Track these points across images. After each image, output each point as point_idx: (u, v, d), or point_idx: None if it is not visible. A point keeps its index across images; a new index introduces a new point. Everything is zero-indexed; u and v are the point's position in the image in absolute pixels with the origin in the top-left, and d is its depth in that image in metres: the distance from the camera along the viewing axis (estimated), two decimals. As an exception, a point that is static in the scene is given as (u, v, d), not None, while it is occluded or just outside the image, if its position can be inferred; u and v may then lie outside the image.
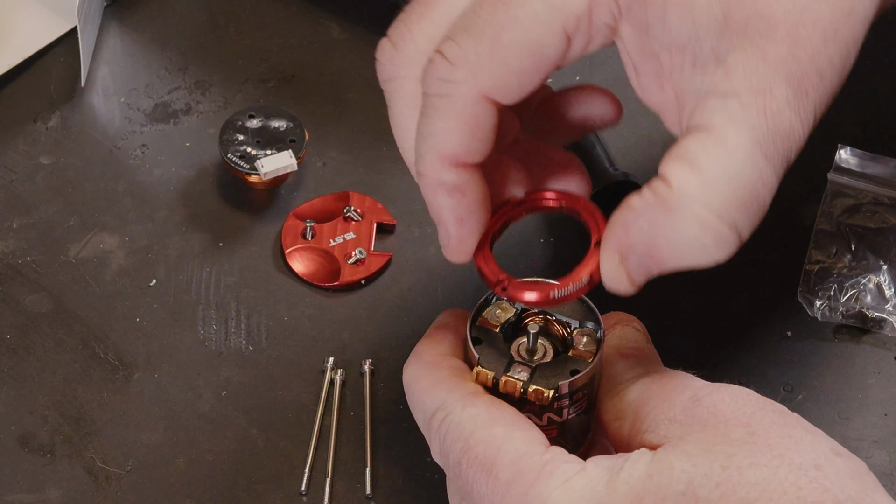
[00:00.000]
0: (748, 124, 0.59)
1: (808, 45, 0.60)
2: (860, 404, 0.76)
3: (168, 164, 0.84)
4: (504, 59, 0.60)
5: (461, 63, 0.60)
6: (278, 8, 0.91)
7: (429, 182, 0.61)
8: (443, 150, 0.61)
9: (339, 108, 0.87)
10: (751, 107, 0.59)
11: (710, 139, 0.59)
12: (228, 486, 0.73)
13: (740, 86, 0.59)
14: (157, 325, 0.78)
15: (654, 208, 0.59)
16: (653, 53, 0.61)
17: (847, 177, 0.82)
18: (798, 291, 0.79)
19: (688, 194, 0.59)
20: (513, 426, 0.60)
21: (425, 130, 0.61)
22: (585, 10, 0.60)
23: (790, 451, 0.57)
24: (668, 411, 0.60)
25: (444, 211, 0.62)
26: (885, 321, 0.78)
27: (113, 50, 0.88)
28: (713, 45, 0.59)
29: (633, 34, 0.60)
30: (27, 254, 0.81)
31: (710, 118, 0.59)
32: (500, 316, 0.64)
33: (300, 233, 0.81)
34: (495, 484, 0.59)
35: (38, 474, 0.73)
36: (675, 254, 0.60)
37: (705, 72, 0.60)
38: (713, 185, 0.59)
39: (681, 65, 0.60)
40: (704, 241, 0.59)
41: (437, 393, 0.62)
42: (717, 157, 0.59)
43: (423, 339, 0.65)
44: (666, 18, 0.60)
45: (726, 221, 0.59)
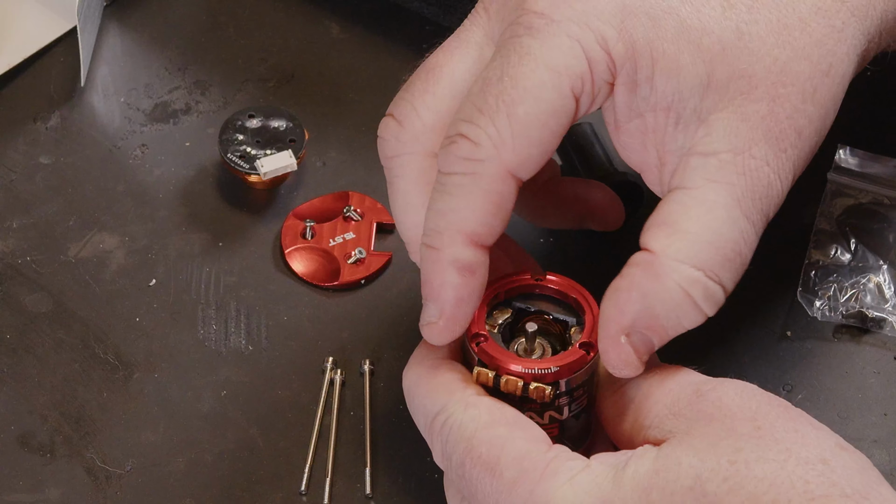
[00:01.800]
0: (727, 182, 0.60)
1: (786, 103, 0.61)
2: (860, 404, 0.76)
3: (168, 164, 0.84)
4: (523, 132, 0.60)
5: (484, 141, 0.60)
6: (278, 8, 0.91)
7: (441, 258, 0.61)
8: (465, 228, 0.61)
9: (339, 108, 0.87)
10: (730, 165, 0.60)
11: (689, 199, 0.60)
12: (228, 486, 0.73)
13: (720, 145, 0.60)
14: (156, 325, 0.78)
15: (643, 280, 0.60)
16: (638, 113, 0.62)
17: (847, 177, 0.82)
18: (798, 291, 0.79)
19: (671, 256, 0.60)
20: (515, 426, 0.60)
21: (445, 207, 0.61)
22: (587, 70, 0.60)
23: (797, 445, 0.57)
24: (671, 406, 0.60)
25: (447, 289, 0.61)
26: (885, 321, 0.78)
27: (113, 50, 0.89)
28: (696, 105, 0.60)
29: (623, 93, 0.61)
30: (27, 254, 0.81)
31: (690, 178, 0.60)
32: (497, 317, 0.64)
33: (300, 233, 0.81)
34: (500, 483, 0.59)
35: (38, 474, 0.73)
36: (671, 319, 0.61)
37: (687, 131, 0.61)
38: (696, 244, 0.60)
39: (664, 124, 0.61)
40: (696, 298, 0.60)
41: (437, 396, 0.62)
42: (698, 216, 0.60)
43: (421, 345, 0.65)
44: (653, 78, 0.60)
45: (712, 277, 0.60)
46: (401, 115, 0.65)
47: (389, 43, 0.89)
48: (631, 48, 0.60)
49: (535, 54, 0.60)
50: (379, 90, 0.87)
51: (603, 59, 0.60)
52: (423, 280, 0.62)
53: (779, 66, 0.61)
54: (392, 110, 0.65)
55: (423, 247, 0.62)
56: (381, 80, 0.87)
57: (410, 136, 0.64)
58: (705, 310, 0.61)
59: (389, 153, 0.65)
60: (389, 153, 0.65)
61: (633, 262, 0.61)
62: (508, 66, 0.61)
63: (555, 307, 0.64)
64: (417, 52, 0.89)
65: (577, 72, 0.60)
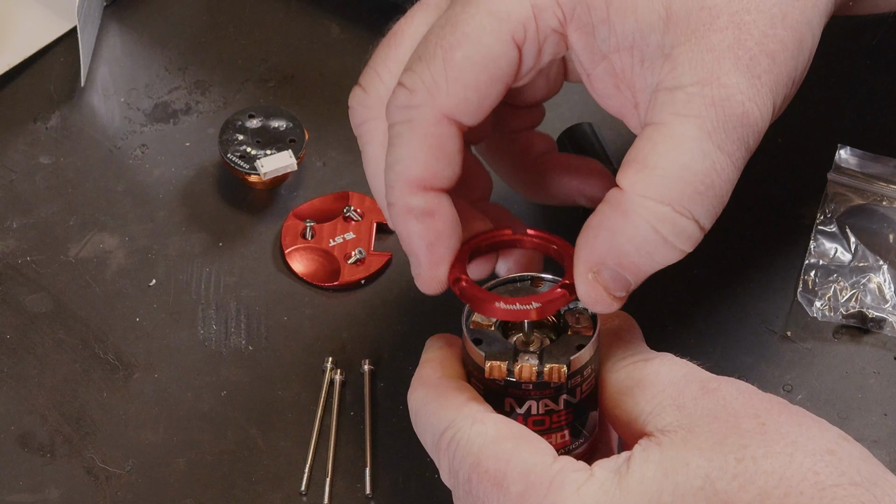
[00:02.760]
0: (695, 115, 0.59)
1: (754, 30, 0.60)
2: (860, 404, 0.76)
3: (168, 164, 0.84)
4: (458, 76, 0.60)
5: (418, 87, 0.61)
6: (278, 8, 0.91)
7: (398, 210, 0.62)
8: (409, 176, 0.61)
9: (339, 108, 0.86)
10: (697, 97, 0.59)
11: (657, 135, 0.60)
12: (228, 486, 0.73)
13: (686, 78, 0.59)
14: (156, 325, 0.78)
15: (612, 217, 0.60)
16: (602, 56, 0.61)
17: (847, 177, 0.82)
18: (798, 291, 0.79)
19: (639, 193, 0.59)
20: (521, 440, 0.60)
21: (391, 159, 0.62)
22: (530, 16, 0.60)
23: (803, 437, 0.57)
24: (676, 397, 0.60)
25: (414, 238, 0.62)
26: (885, 321, 0.78)
27: (113, 50, 0.88)
28: (658, 41, 0.60)
29: (581, 39, 0.61)
30: (27, 254, 0.81)
31: (658, 113, 0.60)
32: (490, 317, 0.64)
33: (300, 233, 0.81)
34: (507, 497, 0.59)
35: (38, 474, 0.73)
36: (643, 256, 0.60)
37: (654, 68, 0.60)
38: (663, 179, 0.59)
39: (630, 64, 0.61)
40: (665, 234, 0.59)
41: (445, 413, 0.62)
42: (665, 151, 0.59)
43: (422, 365, 0.65)
44: (609, 19, 0.60)
45: (682, 212, 0.59)
46: (365, 83, 0.65)
47: (389, 43, 0.89)
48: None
49: (479, 1, 0.60)
50: (379, 90, 0.87)
51: (549, 5, 0.60)
52: (398, 234, 0.63)
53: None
54: (360, 79, 0.66)
55: (387, 203, 0.63)
56: (381, 80, 0.87)
57: (375, 100, 0.65)
58: (678, 245, 0.60)
59: (357, 120, 0.66)
60: (357, 120, 0.66)
61: (606, 199, 0.61)
62: (453, 14, 0.61)
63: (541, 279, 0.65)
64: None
65: (520, 17, 0.60)
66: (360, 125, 0.66)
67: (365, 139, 0.66)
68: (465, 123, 0.61)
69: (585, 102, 0.86)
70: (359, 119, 0.66)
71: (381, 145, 0.64)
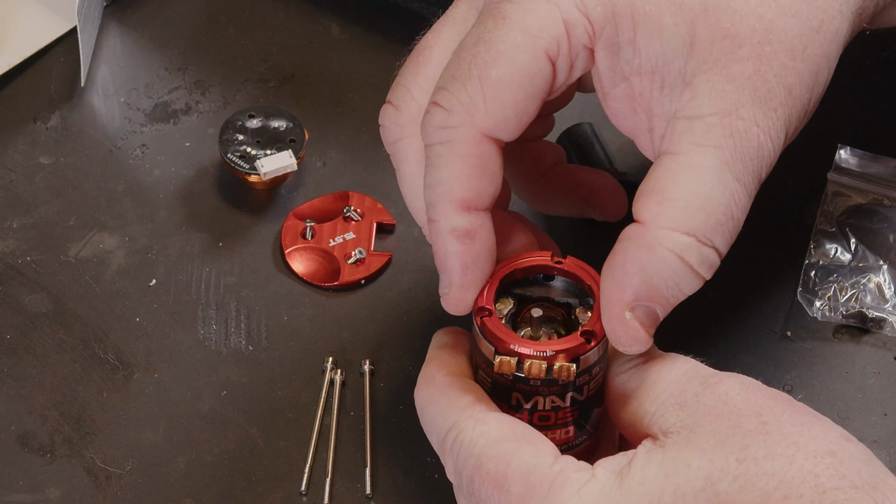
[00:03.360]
0: (715, 146, 0.60)
1: (773, 61, 0.60)
2: (860, 404, 0.76)
3: (168, 164, 0.84)
4: (495, 95, 0.60)
5: (456, 107, 0.60)
6: (278, 8, 0.91)
7: (439, 228, 0.62)
8: (452, 196, 0.61)
9: (339, 108, 0.87)
10: (717, 128, 0.60)
11: (676, 165, 0.60)
12: (228, 486, 0.73)
13: (705, 108, 0.60)
14: (157, 325, 0.78)
15: (636, 253, 0.60)
16: (623, 77, 0.61)
17: (847, 177, 0.82)
18: (798, 291, 0.79)
19: (662, 225, 0.60)
20: (523, 440, 0.60)
21: (432, 179, 0.62)
22: (563, 32, 0.60)
23: (804, 438, 0.57)
24: (678, 395, 0.60)
25: (451, 258, 0.62)
26: (885, 321, 0.78)
27: (113, 50, 0.89)
28: (680, 68, 0.60)
29: (605, 58, 0.61)
30: (27, 254, 0.81)
31: (677, 143, 0.60)
32: (502, 309, 0.64)
33: (300, 233, 0.81)
34: (508, 498, 0.59)
35: (38, 474, 0.73)
36: (671, 287, 0.61)
37: (673, 94, 0.60)
38: (686, 210, 0.60)
39: (650, 88, 0.61)
40: (692, 264, 0.60)
41: (449, 413, 0.62)
42: (685, 182, 0.60)
43: (428, 362, 0.65)
44: (635, 41, 0.60)
45: (705, 242, 0.60)
46: (397, 100, 0.65)
47: (389, 43, 0.89)
48: (611, 10, 0.60)
49: (511, 18, 0.60)
50: (379, 90, 0.87)
51: (581, 21, 0.60)
52: (434, 253, 0.63)
53: (764, 24, 0.60)
54: (389, 97, 0.66)
55: (428, 221, 0.62)
56: (381, 80, 0.87)
57: (407, 119, 0.65)
58: (702, 274, 0.60)
59: (391, 139, 0.66)
60: (391, 139, 0.66)
61: (624, 235, 0.61)
62: (485, 31, 0.61)
63: (558, 292, 0.64)
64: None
65: (553, 34, 0.60)
66: (393, 143, 0.66)
67: (399, 157, 0.66)
68: (503, 140, 0.61)
69: (585, 102, 0.86)
70: (392, 138, 0.66)
71: (417, 163, 0.64)
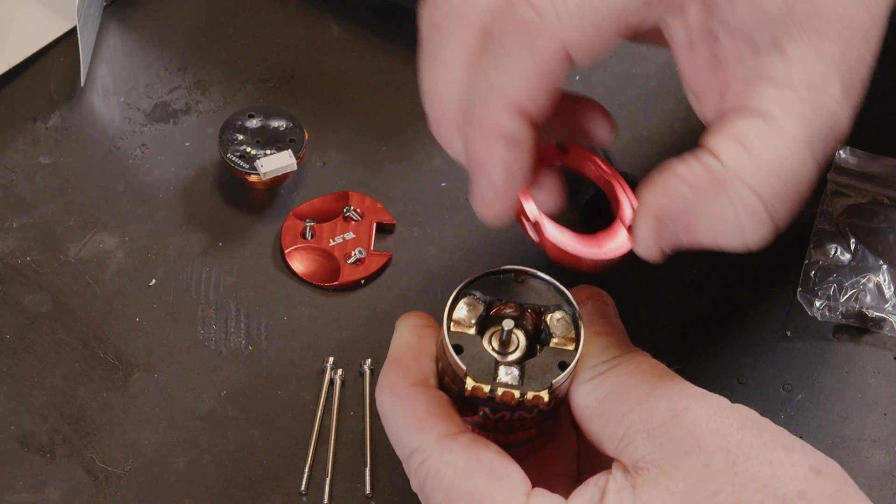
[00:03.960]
0: (803, 117, 0.58)
1: (853, 49, 0.60)
2: (860, 404, 0.76)
3: (168, 164, 0.84)
4: (590, 10, 0.57)
5: (547, 10, 0.57)
6: (278, 8, 0.91)
7: (487, 127, 0.58)
8: (513, 97, 0.57)
9: (339, 108, 0.87)
10: (806, 101, 0.58)
11: (765, 125, 0.58)
12: (228, 486, 0.73)
13: (798, 77, 0.58)
14: (156, 325, 0.78)
15: (703, 183, 0.58)
16: (713, 35, 0.60)
17: (847, 177, 0.82)
18: (798, 291, 0.79)
19: (739, 174, 0.58)
20: (492, 476, 0.59)
21: (493, 73, 0.58)
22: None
23: (773, 479, 0.57)
24: (647, 420, 0.59)
25: (497, 161, 0.58)
26: (885, 321, 0.78)
27: (113, 50, 0.89)
28: (774, 35, 0.59)
29: (700, 12, 0.59)
30: (27, 254, 0.81)
31: (765, 103, 0.58)
32: (472, 314, 0.62)
33: (300, 233, 0.81)
34: None
35: (38, 474, 0.73)
36: (710, 230, 0.59)
37: (763, 58, 0.59)
38: (764, 170, 0.58)
39: (738, 48, 0.59)
40: (744, 224, 0.58)
41: (413, 433, 0.61)
42: (771, 143, 0.58)
43: (390, 364, 0.63)
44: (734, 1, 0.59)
45: (769, 209, 0.58)
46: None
47: (389, 43, 0.89)
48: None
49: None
50: (379, 90, 0.87)
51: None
52: (470, 151, 0.59)
53: (848, 11, 0.59)
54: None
55: (469, 116, 0.59)
56: (381, 80, 0.87)
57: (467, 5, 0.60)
58: (748, 241, 0.59)
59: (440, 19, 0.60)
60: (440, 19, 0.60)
61: (699, 158, 0.58)
62: None
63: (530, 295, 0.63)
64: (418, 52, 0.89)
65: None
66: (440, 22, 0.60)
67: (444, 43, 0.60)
68: (576, 63, 0.58)
69: (585, 102, 0.86)
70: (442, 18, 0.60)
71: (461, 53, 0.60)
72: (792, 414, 0.76)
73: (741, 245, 0.59)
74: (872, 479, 0.74)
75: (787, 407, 0.76)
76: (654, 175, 0.59)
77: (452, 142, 0.61)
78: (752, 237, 0.59)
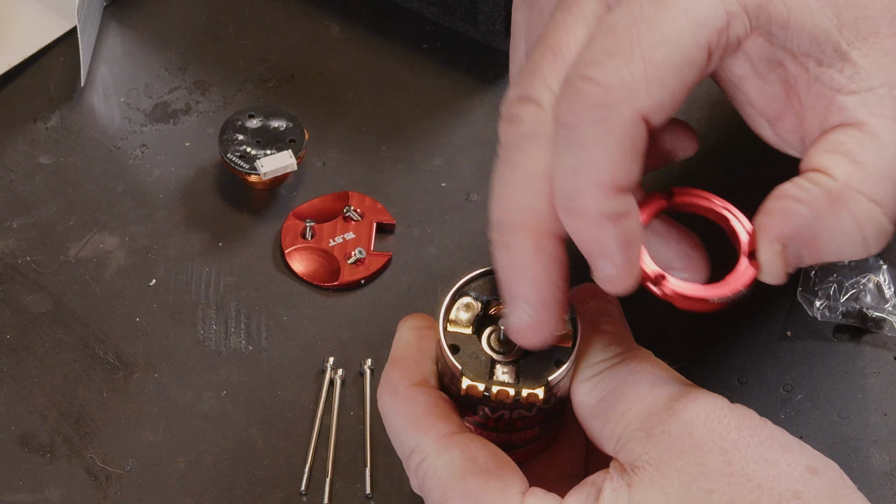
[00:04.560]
0: (891, 117, 0.59)
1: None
2: (860, 404, 0.76)
3: (168, 164, 0.84)
4: (659, 76, 0.57)
5: (615, 84, 0.57)
6: (278, 8, 0.91)
7: (591, 216, 0.58)
8: (604, 179, 0.57)
9: (339, 108, 0.87)
10: (888, 99, 0.59)
11: (861, 133, 0.59)
12: (228, 485, 0.73)
13: (872, 79, 0.59)
14: (156, 325, 0.78)
15: (819, 201, 0.58)
16: (777, 62, 0.60)
17: (847, 177, 0.82)
18: (798, 291, 0.79)
19: (853, 186, 0.58)
20: (488, 475, 0.59)
21: (578, 163, 0.58)
22: (725, 24, 0.58)
23: (769, 479, 0.57)
24: (644, 419, 0.59)
25: (610, 242, 0.58)
26: (885, 321, 0.78)
27: (113, 50, 0.89)
28: (835, 45, 0.59)
29: (760, 46, 0.59)
30: (27, 254, 0.81)
31: (854, 113, 0.59)
32: (469, 314, 0.62)
33: (300, 233, 0.81)
34: None
35: (38, 474, 0.73)
36: (833, 245, 0.59)
37: (833, 71, 0.59)
38: (876, 177, 0.58)
39: (805, 69, 0.60)
40: (867, 232, 0.59)
41: (413, 433, 0.61)
42: (874, 150, 0.58)
43: (392, 365, 0.63)
44: (789, 24, 0.59)
45: (888, 213, 0.58)
46: (538, 96, 0.60)
47: (389, 43, 0.89)
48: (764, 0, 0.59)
49: (674, 4, 0.58)
50: (379, 90, 0.87)
51: (740, 13, 0.58)
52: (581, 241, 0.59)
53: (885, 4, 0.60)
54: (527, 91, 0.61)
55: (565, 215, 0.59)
56: (381, 80, 0.87)
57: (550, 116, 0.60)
58: (872, 248, 0.59)
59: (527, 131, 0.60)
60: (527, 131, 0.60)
61: (811, 178, 0.59)
62: (642, 13, 0.58)
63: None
64: (417, 52, 0.89)
65: (716, 25, 0.58)
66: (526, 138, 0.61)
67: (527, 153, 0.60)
68: (654, 124, 0.59)
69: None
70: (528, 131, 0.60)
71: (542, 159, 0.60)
72: (792, 414, 0.76)
73: (865, 254, 0.59)
74: (872, 479, 0.74)
75: (787, 407, 0.76)
76: (767, 201, 0.59)
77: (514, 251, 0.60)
78: (876, 243, 0.59)
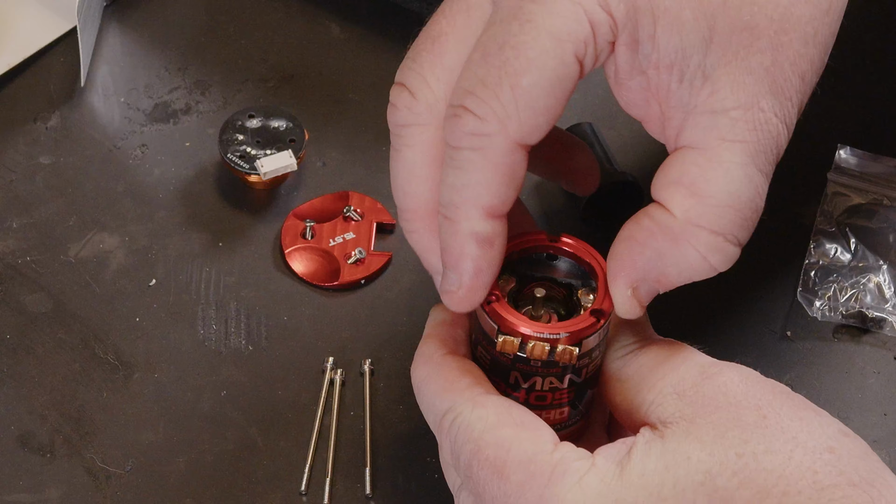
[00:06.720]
0: (741, 140, 0.60)
1: (789, 50, 0.61)
2: (860, 404, 0.76)
3: (168, 164, 0.84)
4: (528, 103, 0.60)
5: (489, 116, 0.60)
6: (278, 8, 0.91)
7: (458, 229, 0.61)
8: (479, 201, 0.61)
9: (339, 108, 0.87)
10: (741, 122, 0.60)
11: (705, 160, 0.60)
12: (228, 486, 0.73)
13: (729, 102, 0.60)
14: (156, 325, 0.78)
15: (660, 240, 0.60)
16: (640, 70, 0.61)
17: (847, 177, 0.82)
18: (798, 291, 0.79)
19: (693, 222, 0.60)
20: (521, 427, 0.60)
21: (458, 182, 0.61)
22: (590, 34, 0.60)
23: (803, 433, 0.58)
24: (676, 385, 0.60)
25: (466, 260, 0.62)
26: (885, 321, 0.78)
27: (113, 50, 0.89)
28: (700, 61, 0.60)
29: (625, 52, 0.61)
30: (27, 254, 0.81)
31: (701, 137, 0.60)
32: (504, 287, 0.64)
33: (300, 233, 0.81)
34: (508, 486, 0.59)
35: (38, 474, 0.73)
36: (681, 274, 0.61)
37: (692, 88, 0.60)
38: (716, 208, 0.60)
39: (667, 81, 0.61)
40: (711, 259, 0.60)
41: (447, 395, 0.62)
42: (716, 178, 0.60)
43: (425, 339, 0.65)
44: (655, 36, 0.60)
45: (732, 241, 0.60)
46: (413, 86, 0.64)
47: (389, 43, 0.89)
48: (632, 6, 0.60)
49: (536, 21, 0.60)
50: (379, 90, 0.87)
51: (605, 20, 0.60)
52: (443, 249, 0.62)
53: (780, 11, 0.60)
54: (403, 79, 0.64)
55: (442, 217, 0.62)
56: (381, 80, 0.87)
57: (423, 107, 0.64)
58: (719, 269, 0.61)
59: (400, 122, 0.65)
60: (400, 122, 0.65)
61: (652, 216, 0.61)
62: (509, 34, 0.60)
63: (560, 272, 0.64)
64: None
65: (581, 37, 0.60)
66: (402, 127, 0.65)
67: (405, 142, 0.65)
68: (531, 144, 0.61)
69: (585, 102, 0.86)
70: (402, 121, 0.64)
71: (423, 152, 0.64)
72: (792, 414, 0.76)
73: (713, 274, 0.61)
74: (872, 479, 0.74)
75: (787, 407, 0.76)
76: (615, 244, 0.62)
77: (417, 233, 0.64)
78: (721, 265, 0.61)
